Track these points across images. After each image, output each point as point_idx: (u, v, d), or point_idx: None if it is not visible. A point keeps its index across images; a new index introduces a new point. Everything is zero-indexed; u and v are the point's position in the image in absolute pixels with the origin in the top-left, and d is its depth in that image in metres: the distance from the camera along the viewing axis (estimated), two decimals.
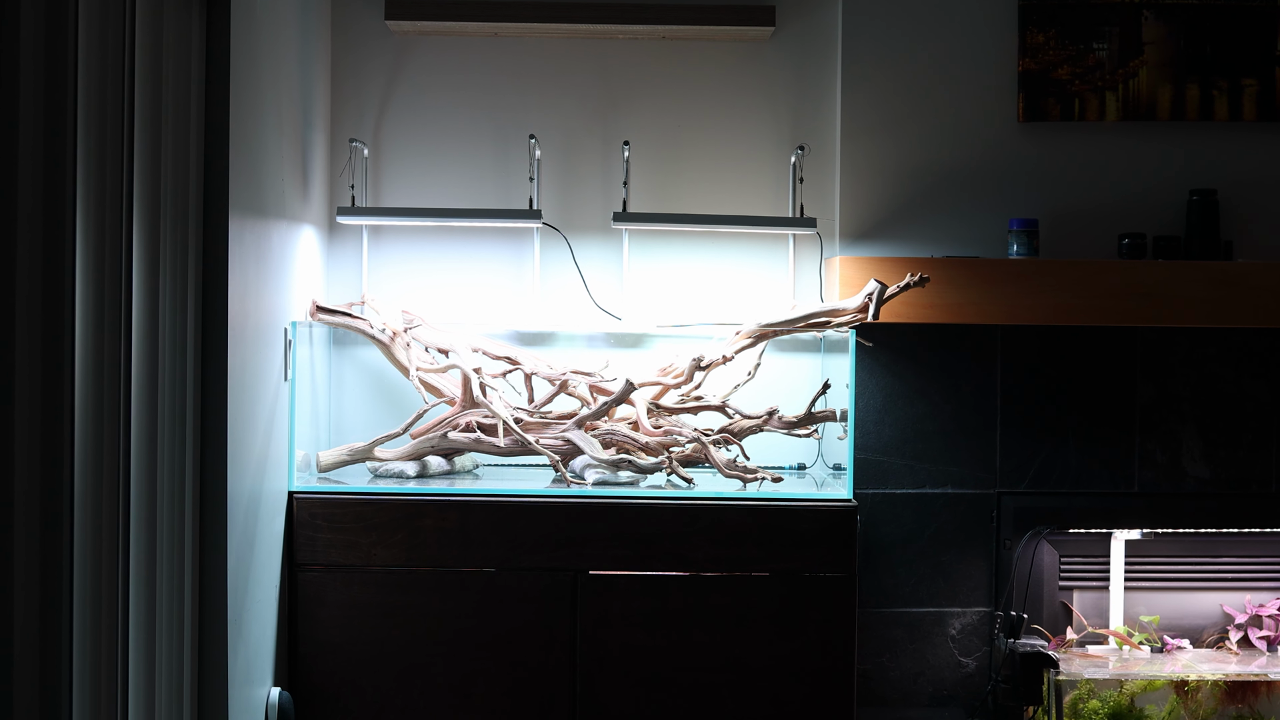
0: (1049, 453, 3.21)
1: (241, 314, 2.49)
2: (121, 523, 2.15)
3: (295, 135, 2.94)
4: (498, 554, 2.84)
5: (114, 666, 2.09)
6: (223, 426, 2.40)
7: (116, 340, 2.08)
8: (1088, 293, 3.09)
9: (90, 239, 1.90)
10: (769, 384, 3.28)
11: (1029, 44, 3.21)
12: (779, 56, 3.34)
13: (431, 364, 3.10)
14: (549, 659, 2.84)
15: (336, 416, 3.31)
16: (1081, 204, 3.24)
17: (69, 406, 2.03)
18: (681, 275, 3.36)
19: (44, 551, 1.85)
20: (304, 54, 3.02)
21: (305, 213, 3.05)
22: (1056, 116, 3.22)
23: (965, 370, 3.20)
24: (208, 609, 2.40)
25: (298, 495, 2.84)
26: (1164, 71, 3.22)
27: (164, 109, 2.21)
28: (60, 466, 1.89)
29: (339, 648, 2.83)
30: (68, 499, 1.92)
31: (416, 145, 3.34)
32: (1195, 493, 3.21)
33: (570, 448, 3.01)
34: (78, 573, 1.96)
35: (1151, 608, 3.27)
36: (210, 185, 2.38)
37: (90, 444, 1.98)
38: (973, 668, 3.22)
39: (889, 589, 3.21)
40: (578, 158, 3.35)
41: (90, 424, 2.02)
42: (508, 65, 3.35)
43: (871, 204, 3.24)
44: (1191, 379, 3.21)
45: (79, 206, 1.85)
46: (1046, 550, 3.22)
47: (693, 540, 2.84)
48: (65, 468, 1.91)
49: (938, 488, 3.21)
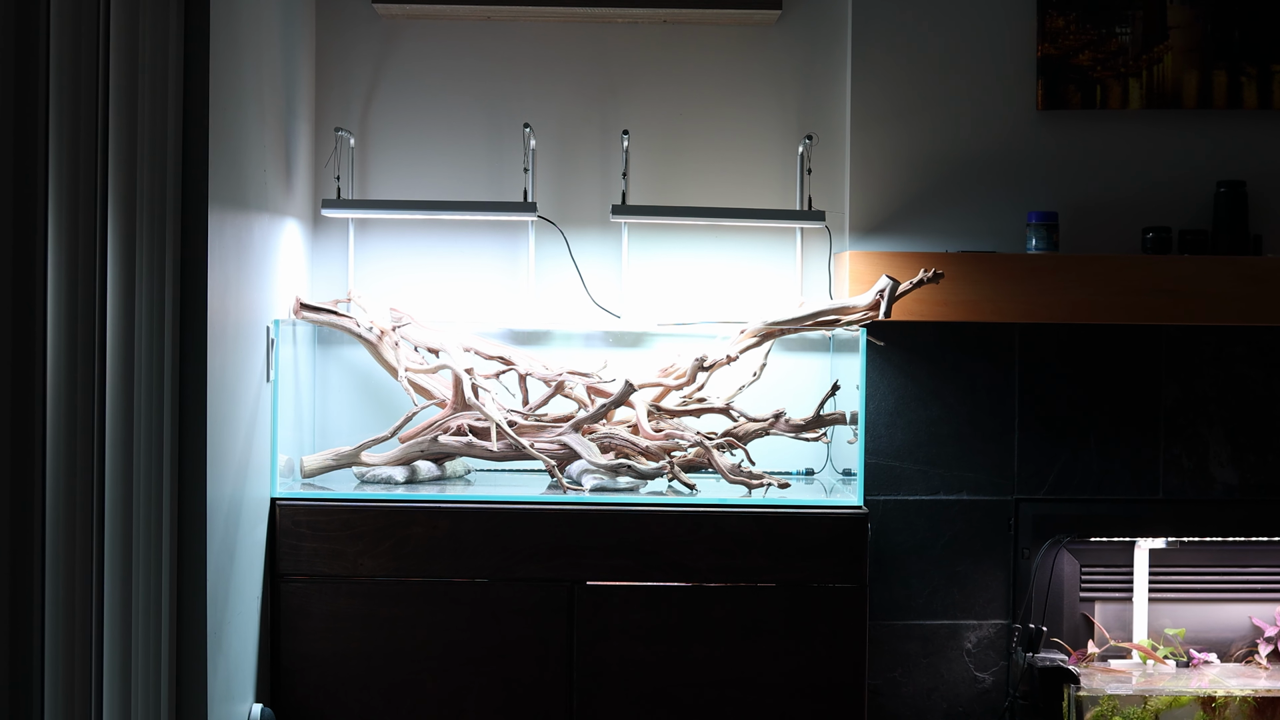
0: (1069, 457, 3.21)
1: (222, 312, 2.49)
2: (96, 531, 2.15)
3: (278, 124, 2.94)
4: (490, 564, 2.84)
5: (88, 682, 2.09)
6: (202, 430, 2.40)
7: (90, 340, 2.08)
8: (1110, 289, 3.09)
9: (62, 234, 1.90)
10: (775, 385, 3.29)
11: (1048, 28, 3.21)
12: (786, 41, 3.35)
13: (421, 364, 3.10)
14: (544, 674, 2.84)
15: (321, 419, 3.31)
16: (1103, 196, 3.24)
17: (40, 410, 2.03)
18: (683, 271, 3.36)
19: (14, 561, 1.85)
20: (287, 39, 3.02)
21: (288, 205, 3.05)
22: (1077, 104, 3.22)
23: (981, 371, 3.21)
24: (186, 621, 2.40)
25: (281, 502, 2.84)
26: (1190, 57, 3.22)
27: (140, 96, 2.21)
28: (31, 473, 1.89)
29: (323, 662, 2.84)
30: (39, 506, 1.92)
31: (405, 135, 3.35)
32: (1223, 499, 3.21)
33: (567, 452, 3.01)
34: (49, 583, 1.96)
35: (1177, 620, 3.27)
36: (189, 177, 2.38)
37: (63, 449, 1.98)
38: (989, 683, 3.22)
39: (901, 600, 3.22)
40: (574, 148, 3.35)
41: (63, 428, 2.02)
42: (501, 50, 3.35)
43: (883, 196, 3.24)
44: (1219, 380, 3.21)
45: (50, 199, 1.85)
46: (1067, 559, 3.22)
47: (695, 549, 2.84)
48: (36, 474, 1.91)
49: (952, 494, 3.21)
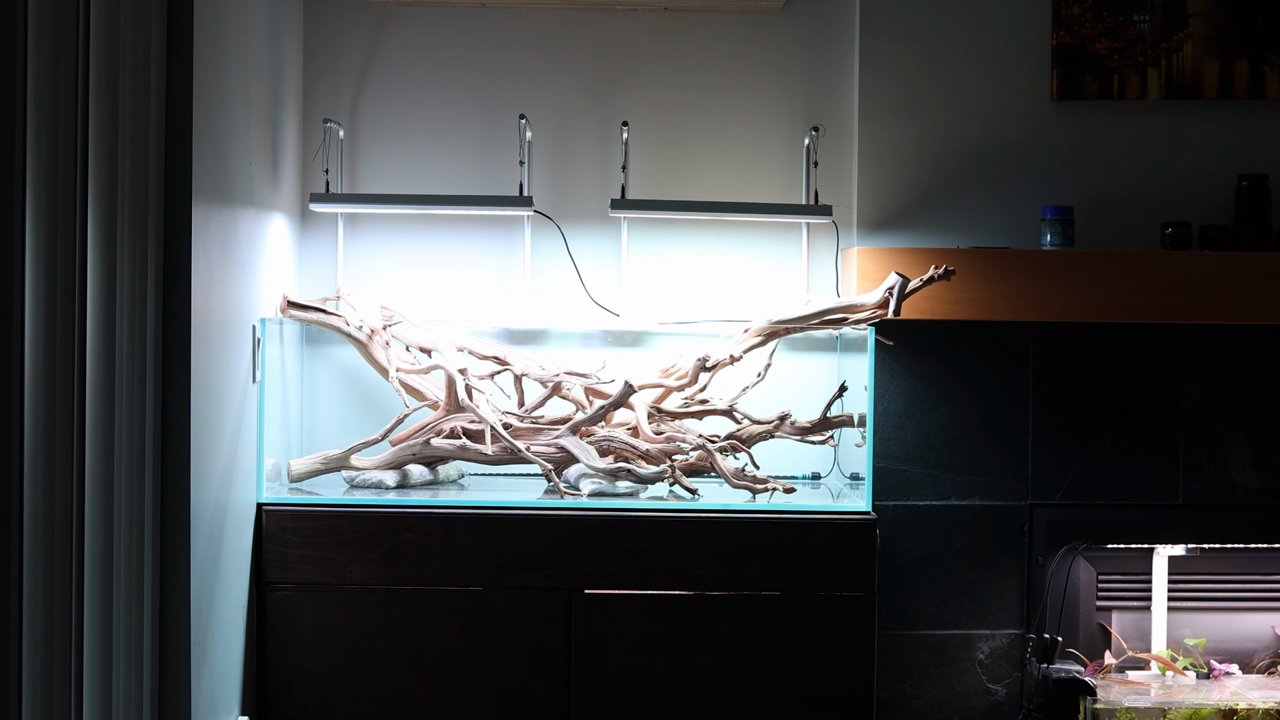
0: (1085, 461, 3.21)
1: (206, 310, 2.49)
2: (75, 537, 2.15)
3: (264, 115, 2.94)
4: (485, 571, 2.84)
5: (68, 695, 2.09)
6: (185, 433, 2.40)
7: (70, 340, 2.08)
8: (1128, 286, 3.09)
9: (41, 229, 1.90)
10: (780, 386, 3.29)
11: (1064, 15, 3.21)
12: (792, 29, 3.35)
13: (413, 364, 3.11)
14: (540, 686, 2.85)
15: (309, 421, 3.31)
16: (1121, 190, 3.25)
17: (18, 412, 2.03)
18: (685, 268, 3.36)
19: None
20: (274, 26, 3.02)
21: (275, 200, 3.05)
22: (1094, 95, 3.22)
23: (994, 371, 3.21)
24: (169, 631, 2.40)
25: (267, 507, 2.85)
26: (1211, 46, 3.22)
27: (121, 86, 2.21)
28: (8, 477, 1.90)
29: (311, 673, 2.84)
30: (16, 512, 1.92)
31: (396, 126, 3.35)
32: (1245, 504, 3.22)
33: (564, 455, 3.01)
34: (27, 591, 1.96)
35: (1197, 630, 3.27)
36: (172, 170, 2.38)
37: (41, 453, 1.98)
38: (1002, 695, 3.23)
39: (911, 609, 3.22)
40: (572, 140, 3.35)
41: (41, 431, 2.02)
42: (496, 39, 3.35)
43: (892, 190, 3.24)
44: (1241, 380, 3.22)
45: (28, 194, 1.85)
46: (1083, 567, 3.22)
47: (697, 556, 2.84)
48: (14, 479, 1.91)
49: (964, 499, 3.22)
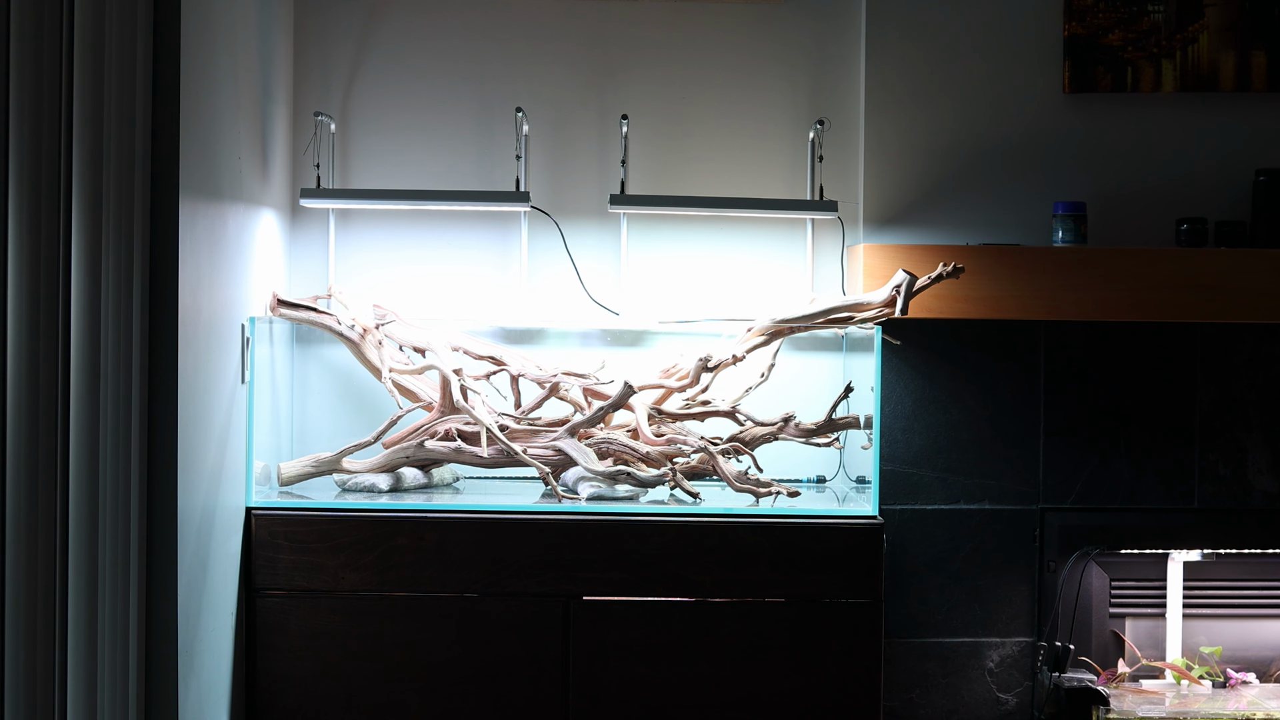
0: (1098, 464, 3.22)
1: (193, 309, 2.49)
2: (59, 543, 2.15)
3: (253, 109, 2.94)
4: (480, 577, 2.84)
5: (51, 704, 2.10)
6: (172, 435, 2.40)
7: (54, 339, 2.08)
8: (1141, 284, 3.09)
9: (23, 226, 1.91)
10: (784, 387, 3.29)
11: (1076, 5, 3.21)
12: (796, 20, 3.35)
13: (406, 364, 3.11)
14: (538, 694, 2.85)
15: (300, 423, 3.31)
16: (1134, 185, 3.24)
17: None
18: (686, 265, 3.36)
19: None
20: (263, 17, 3.02)
21: (265, 195, 3.06)
22: (1107, 87, 3.22)
23: (1004, 371, 3.21)
24: (156, 639, 2.40)
25: (256, 512, 2.85)
26: (1227, 37, 3.22)
27: (107, 78, 2.22)
28: None
29: (302, 682, 2.84)
30: None
31: (389, 120, 3.35)
32: (1262, 509, 3.22)
33: (562, 458, 3.01)
34: (9, 597, 1.96)
35: (1213, 637, 3.27)
36: (158, 165, 2.38)
37: (24, 455, 1.98)
38: (1013, 705, 3.23)
39: (919, 617, 3.22)
40: (570, 134, 3.35)
41: (24, 433, 2.02)
42: (492, 29, 3.35)
43: (899, 185, 3.24)
44: (1258, 381, 3.22)
45: (10, 189, 1.85)
46: (1095, 573, 3.22)
47: (699, 562, 2.84)
48: None
49: (974, 503, 3.22)
